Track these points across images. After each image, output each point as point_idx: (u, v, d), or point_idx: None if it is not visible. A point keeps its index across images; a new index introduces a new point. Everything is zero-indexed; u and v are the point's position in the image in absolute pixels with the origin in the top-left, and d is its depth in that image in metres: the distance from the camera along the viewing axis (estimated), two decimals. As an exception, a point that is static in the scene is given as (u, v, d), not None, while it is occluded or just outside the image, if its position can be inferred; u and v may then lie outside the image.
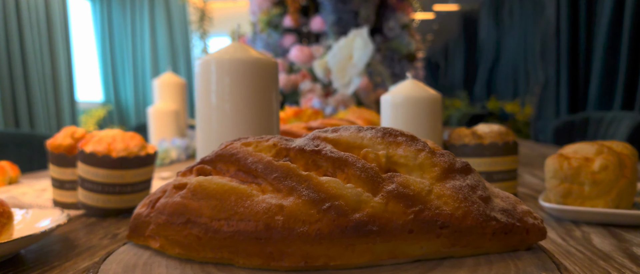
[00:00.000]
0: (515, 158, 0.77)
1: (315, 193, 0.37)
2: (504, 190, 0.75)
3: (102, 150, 0.73)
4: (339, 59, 1.57)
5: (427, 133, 0.77)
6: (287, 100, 1.95)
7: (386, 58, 2.47)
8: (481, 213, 0.38)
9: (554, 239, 0.57)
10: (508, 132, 0.78)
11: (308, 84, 1.95)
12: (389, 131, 0.41)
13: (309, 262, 0.37)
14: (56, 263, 0.53)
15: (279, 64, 2.02)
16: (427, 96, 0.78)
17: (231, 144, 0.43)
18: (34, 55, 3.65)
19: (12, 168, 1.10)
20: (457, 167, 0.40)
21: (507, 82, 4.82)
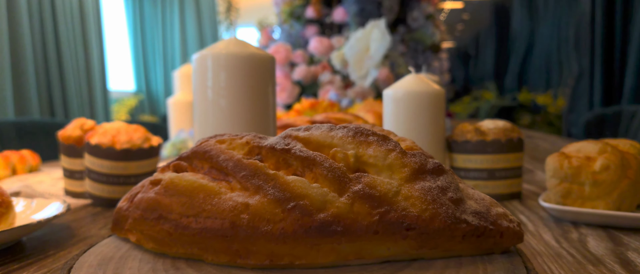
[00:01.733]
0: (519, 155, 0.76)
1: (280, 192, 0.37)
2: (507, 188, 0.73)
3: (106, 142, 0.75)
4: (356, 51, 1.56)
5: (429, 128, 0.76)
6: (306, 91, 1.95)
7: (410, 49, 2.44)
8: (450, 215, 0.37)
9: (547, 240, 0.56)
10: (513, 129, 0.77)
11: (327, 76, 1.95)
12: (361, 130, 0.40)
13: (274, 260, 0.37)
14: (51, 252, 0.55)
15: (299, 55, 2.02)
16: (429, 90, 0.76)
17: (206, 141, 0.43)
18: (68, 46, 3.76)
19: (32, 157, 1.14)
20: (429, 168, 0.39)
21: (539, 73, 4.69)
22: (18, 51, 3.44)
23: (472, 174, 0.76)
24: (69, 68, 3.76)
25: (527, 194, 0.81)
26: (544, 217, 0.66)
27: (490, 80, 5.11)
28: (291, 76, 1.94)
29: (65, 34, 3.73)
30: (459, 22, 5.87)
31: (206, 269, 0.38)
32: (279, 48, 1.85)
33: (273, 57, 0.69)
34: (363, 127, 0.41)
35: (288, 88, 1.84)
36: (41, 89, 3.57)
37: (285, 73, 1.87)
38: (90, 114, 3.94)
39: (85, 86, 3.91)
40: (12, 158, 1.06)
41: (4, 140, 1.98)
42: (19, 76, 3.46)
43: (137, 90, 4.94)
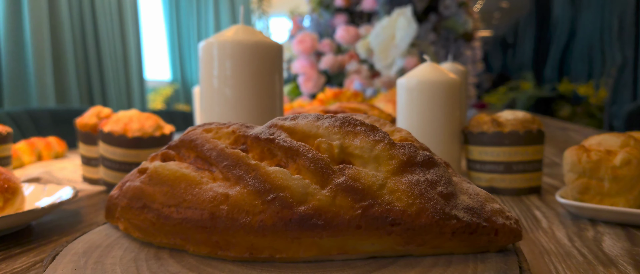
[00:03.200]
0: (539, 148, 0.72)
1: (261, 183, 0.36)
2: (525, 182, 0.70)
3: (118, 130, 0.75)
4: (382, 39, 1.53)
5: (444, 119, 0.74)
6: (332, 81, 1.94)
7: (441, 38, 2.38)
8: (438, 211, 0.35)
9: (559, 238, 0.52)
10: (533, 120, 0.73)
11: (354, 65, 1.92)
12: (348, 120, 0.39)
13: (253, 253, 0.36)
14: (55, 237, 0.55)
15: (327, 44, 2.00)
16: (444, 79, 0.74)
17: (194, 130, 0.42)
18: (107, 37, 3.86)
19: (59, 144, 1.17)
20: (418, 161, 0.37)
21: (580, 63, 4.49)
22: (58, 41, 3.55)
23: (488, 167, 0.72)
24: (107, 58, 3.86)
25: (548, 189, 0.77)
26: (561, 213, 0.62)
27: (529, 70, 4.93)
28: (317, 66, 1.92)
29: (103, 24, 3.82)
30: (497, 10, 5.69)
31: (187, 260, 0.37)
32: (304, 37, 1.84)
33: (280, 46, 0.68)
34: (351, 117, 0.39)
35: (313, 78, 1.83)
36: (80, 79, 3.68)
37: (311, 62, 1.86)
38: (127, 103, 4.04)
39: (122, 75, 4.01)
40: (38, 145, 1.09)
41: (40, 127, 2.05)
42: (59, 65, 3.57)
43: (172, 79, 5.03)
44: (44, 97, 3.44)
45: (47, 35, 3.44)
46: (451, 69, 1.38)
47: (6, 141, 0.84)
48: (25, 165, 1.03)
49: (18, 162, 1.00)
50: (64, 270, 0.35)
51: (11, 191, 0.56)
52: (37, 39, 3.40)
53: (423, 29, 2.15)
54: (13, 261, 0.47)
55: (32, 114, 2.06)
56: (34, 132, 1.93)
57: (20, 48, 3.37)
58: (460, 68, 1.39)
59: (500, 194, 0.73)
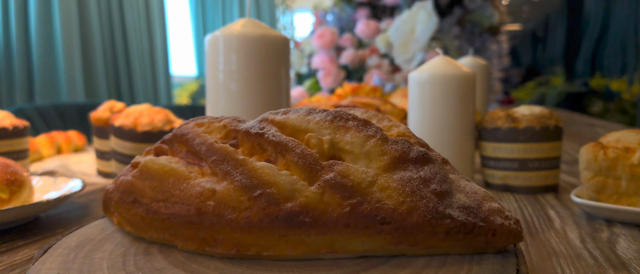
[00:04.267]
0: (556, 145, 0.69)
1: (247, 179, 0.35)
2: (541, 180, 0.67)
3: (128, 124, 0.76)
4: (402, 34, 1.51)
5: (456, 114, 0.71)
6: (353, 76, 1.92)
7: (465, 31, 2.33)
8: (430, 210, 0.34)
9: (571, 239, 0.50)
10: (551, 116, 0.70)
11: (375, 60, 1.90)
12: (340, 114, 0.37)
13: (240, 250, 0.35)
14: (59, 230, 0.56)
15: (347, 39, 1.98)
16: (457, 73, 0.71)
17: (186, 124, 0.42)
18: (134, 33, 3.92)
19: (79, 137, 1.19)
20: (411, 157, 0.36)
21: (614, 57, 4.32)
22: (87, 38, 3.63)
23: (502, 164, 0.70)
24: (134, 54, 3.92)
25: (567, 187, 0.74)
26: (577, 213, 0.60)
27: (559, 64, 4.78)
28: (337, 61, 1.91)
29: (131, 21, 3.89)
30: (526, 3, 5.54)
31: (175, 256, 0.37)
32: (324, 32, 1.82)
33: (286, 39, 0.67)
34: (343, 111, 0.38)
35: (333, 72, 1.82)
36: (109, 74, 3.76)
37: (331, 57, 1.84)
38: (153, 98, 4.10)
39: (149, 71, 4.07)
40: (58, 138, 1.11)
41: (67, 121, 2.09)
42: (88, 61, 3.65)
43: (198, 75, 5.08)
44: (74, 92, 3.53)
45: (76, 33, 3.52)
46: (472, 63, 1.35)
47: (23, 135, 0.85)
48: (44, 158, 1.05)
49: (37, 155, 1.02)
50: (52, 264, 0.35)
51: (18, 184, 0.56)
52: (66, 36, 3.48)
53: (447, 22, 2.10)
54: (15, 253, 0.48)
55: (58, 108, 2.10)
56: (60, 126, 1.97)
57: (50, 45, 3.46)
58: (482, 62, 1.35)
59: (514, 192, 0.70)
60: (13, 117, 0.87)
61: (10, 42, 3.34)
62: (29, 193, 0.60)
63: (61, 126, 1.98)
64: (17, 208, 0.51)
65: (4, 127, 0.82)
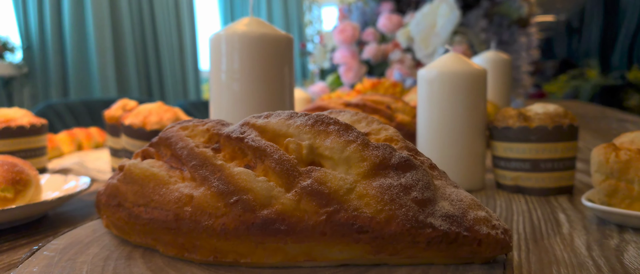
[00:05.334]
0: (570, 145, 0.66)
1: (224, 185, 0.34)
2: (554, 181, 0.65)
3: (137, 123, 0.76)
4: (423, 28, 1.48)
5: (466, 113, 0.69)
6: (374, 71, 1.89)
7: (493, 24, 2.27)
8: (410, 218, 0.32)
9: (577, 246, 0.48)
10: (565, 114, 0.67)
11: (398, 54, 1.87)
12: (321, 118, 0.36)
13: (218, 257, 0.35)
14: (63, 229, 0.57)
15: (370, 33, 1.96)
16: (466, 70, 0.69)
17: (171, 127, 0.41)
18: (164, 30, 3.99)
19: (99, 134, 1.21)
20: (393, 163, 0.34)
21: (653, 49, 4.13)
22: (119, 35, 3.71)
23: (513, 164, 0.68)
24: (164, 50, 3.99)
25: (583, 189, 0.71)
26: (589, 217, 0.57)
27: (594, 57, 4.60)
28: (359, 55, 1.89)
29: (161, 18, 3.96)
30: (560, -6, 5.36)
31: (156, 261, 0.37)
32: (345, 27, 1.81)
33: (290, 37, 0.66)
34: (325, 115, 0.37)
35: (354, 68, 1.80)
36: (140, 71, 3.83)
37: (352, 52, 1.83)
38: (182, 93, 4.17)
39: (178, 67, 4.14)
40: (79, 135, 1.13)
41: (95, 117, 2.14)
42: (119, 59, 3.73)
43: (227, 70, 5.12)
44: (106, 88, 3.61)
45: (108, 31, 3.60)
46: (494, 57, 1.31)
47: (41, 133, 0.88)
48: (64, 155, 1.07)
49: (57, 152, 1.05)
50: (35, 268, 0.36)
51: (23, 183, 0.57)
52: (99, 34, 3.57)
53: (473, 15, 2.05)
54: (15, 252, 0.49)
55: (87, 104, 2.16)
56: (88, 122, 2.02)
57: (83, 43, 3.56)
58: (504, 56, 1.32)
59: (526, 194, 0.68)
60: (31, 116, 0.89)
61: (46, 41, 3.45)
62: (35, 192, 0.61)
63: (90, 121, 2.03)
64: (19, 207, 0.52)
65: (21, 126, 0.84)
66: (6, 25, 3.66)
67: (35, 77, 3.44)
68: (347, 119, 0.42)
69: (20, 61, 3.38)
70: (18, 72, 3.36)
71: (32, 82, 3.46)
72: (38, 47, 3.42)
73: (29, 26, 3.40)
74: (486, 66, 1.31)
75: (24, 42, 3.37)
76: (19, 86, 3.43)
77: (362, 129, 0.41)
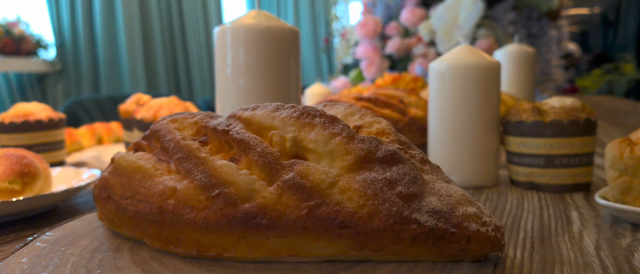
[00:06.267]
0: (587, 140, 0.63)
1: (207, 178, 0.34)
2: (570, 178, 0.62)
3: (148, 117, 0.77)
4: (445, 21, 1.45)
5: (479, 107, 0.67)
6: (397, 65, 1.87)
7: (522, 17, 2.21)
8: (393, 214, 0.31)
9: (585, 245, 0.45)
10: (583, 108, 0.64)
11: (421, 49, 1.84)
12: (307, 110, 0.35)
13: (201, 251, 0.35)
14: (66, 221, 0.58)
15: (393, 27, 1.93)
16: (478, 63, 0.67)
17: (162, 119, 0.41)
18: (192, 26, 4.04)
19: (120, 128, 1.23)
20: (378, 157, 0.33)
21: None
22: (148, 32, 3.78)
23: (527, 160, 0.65)
24: (192, 46, 4.05)
25: (601, 186, 0.68)
26: (603, 216, 0.54)
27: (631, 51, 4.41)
28: (381, 50, 1.87)
29: (189, 15, 4.01)
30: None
31: (142, 254, 0.37)
32: (367, 21, 1.79)
33: (296, 30, 0.65)
34: (311, 108, 0.36)
35: (376, 62, 1.78)
36: (168, 66, 3.90)
37: (374, 46, 1.81)
38: (210, 88, 4.22)
39: (206, 63, 4.19)
40: (99, 129, 1.16)
41: (122, 113, 2.18)
42: (149, 54, 3.80)
43: (254, 66, 5.15)
44: (136, 84, 3.69)
45: (138, 28, 3.67)
46: (518, 50, 1.27)
47: (58, 127, 0.89)
48: (84, 148, 1.09)
49: (77, 145, 1.07)
50: (24, 258, 0.36)
51: (31, 176, 0.59)
52: (129, 31, 3.64)
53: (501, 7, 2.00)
54: (19, 243, 0.50)
55: (115, 99, 2.20)
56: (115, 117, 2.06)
57: (114, 40, 3.63)
58: (528, 50, 1.28)
59: (540, 191, 0.65)
60: (50, 110, 0.91)
61: (78, 38, 3.54)
62: (45, 184, 0.62)
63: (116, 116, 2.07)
64: (24, 199, 0.53)
65: (39, 120, 0.86)
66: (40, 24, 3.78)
67: (68, 73, 3.54)
68: (341, 111, 0.41)
69: (53, 58, 3.48)
70: (52, 68, 3.46)
71: (65, 79, 3.55)
72: (70, 44, 3.52)
73: (62, 24, 3.49)
74: (509, 59, 1.28)
75: (57, 40, 3.46)
76: (53, 82, 3.53)
77: (355, 122, 0.40)
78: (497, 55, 1.30)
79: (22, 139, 0.85)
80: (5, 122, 0.85)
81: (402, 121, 0.82)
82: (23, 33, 3.28)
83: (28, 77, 3.42)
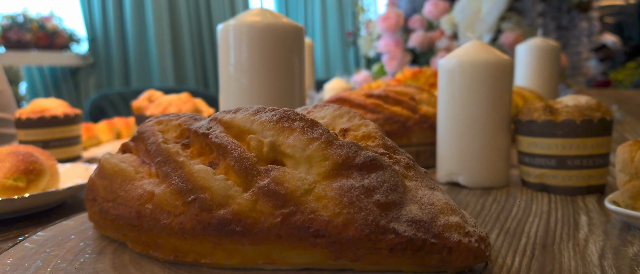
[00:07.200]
0: (602, 140, 0.60)
1: (183, 183, 0.34)
2: (583, 180, 0.60)
3: (157, 113, 0.77)
4: (467, 14, 1.41)
5: (488, 105, 0.65)
6: (420, 59, 1.84)
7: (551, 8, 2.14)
8: (369, 223, 0.30)
9: (588, 254, 0.43)
10: (598, 107, 0.61)
11: (444, 42, 1.80)
12: (288, 114, 0.34)
13: (178, 256, 0.34)
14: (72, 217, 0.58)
15: (417, 20, 1.90)
16: (488, 60, 0.64)
17: (148, 121, 0.41)
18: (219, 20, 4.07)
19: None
20: (357, 163, 0.32)
21: None
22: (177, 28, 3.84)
23: (538, 160, 0.63)
24: (219, 42, 4.08)
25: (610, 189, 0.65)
26: (614, 221, 0.52)
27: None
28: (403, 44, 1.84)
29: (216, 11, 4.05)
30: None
31: (123, 257, 0.36)
32: (389, 14, 1.76)
33: (299, 27, 0.64)
34: (292, 111, 0.35)
35: (398, 56, 1.75)
36: (196, 61, 3.95)
37: (396, 40, 1.78)
38: (236, 82, 4.24)
39: (233, 57, 4.21)
40: (118, 124, 1.17)
41: (147, 106, 2.22)
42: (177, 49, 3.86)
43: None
44: (165, 78, 3.75)
45: (166, 23, 3.73)
46: (541, 44, 1.23)
47: (74, 122, 0.91)
48: (102, 143, 1.11)
49: (95, 140, 1.09)
50: (9, 259, 0.37)
51: (36, 173, 0.60)
52: (158, 26, 3.70)
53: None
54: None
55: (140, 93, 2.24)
56: (140, 111, 2.10)
57: (143, 35, 3.70)
58: (552, 43, 1.23)
59: (552, 193, 0.63)
60: (67, 106, 0.93)
61: (109, 33, 3.61)
62: (52, 180, 0.63)
63: (141, 110, 2.10)
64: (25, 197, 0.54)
65: (55, 115, 0.88)
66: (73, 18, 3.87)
67: (100, 67, 3.62)
68: (330, 114, 0.40)
69: (85, 52, 3.57)
70: (84, 62, 3.55)
71: (97, 72, 3.64)
72: (102, 39, 3.59)
73: (93, 18, 3.57)
74: (532, 54, 1.23)
75: (89, 34, 3.54)
76: (85, 76, 3.62)
77: (342, 125, 0.38)
78: (520, 50, 1.26)
79: (38, 134, 0.87)
80: (22, 118, 0.87)
81: (412, 118, 0.80)
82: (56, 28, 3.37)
83: (61, 70, 3.51)
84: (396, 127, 0.79)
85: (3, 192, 0.56)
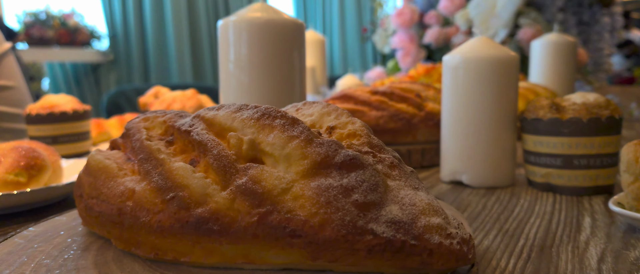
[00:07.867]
0: (610, 139, 0.58)
1: (163, 180, 0.33)
2: (590, 180, 0.58)
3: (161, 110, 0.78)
4: (482, 9, 1.38)
5: (493, 103, 0.63)
6: (435, 55, 1.81)
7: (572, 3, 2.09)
8: (346, 224, 0.29)
9: (588, 257, 0.42)
10: (607, 105, 0.59)
11: (461, 38, 1.77)
12: (269, 111, 0.34)
13: (158, 254, 0.34)
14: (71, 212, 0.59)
15: (433, 16, 1.87)
16: (493, 56, 0.63)
17: (135, 119, 0.41)
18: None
19: (150, 120, 1.26)
20: (336, 162, 0.31)
21: None
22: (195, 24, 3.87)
23: (544, 160, 0.61)
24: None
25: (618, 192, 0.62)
26: (619, 223, 0.50)
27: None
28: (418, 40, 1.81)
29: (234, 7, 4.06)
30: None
31: (106, 255, 0.36)
32: (403, 10, 1.74)
33: (299, 23, 0.64)
34: (273, 108, 0.34)
35: (412, 52, 1.73)
36: (214, 58, 3.97)
37: (411, 36, 1.76)
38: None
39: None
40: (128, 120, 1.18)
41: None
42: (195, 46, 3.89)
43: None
44: (183, 75, 3.78)
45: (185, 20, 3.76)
46: (556, 39, 1.20)
47: (83, 118, 0.92)
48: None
49: (106, 136, 1.10)
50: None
51: (37, 168, 0.60)
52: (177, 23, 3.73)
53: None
54: (19, 235, 0.51)
55: (157, 90, 2.26)
56: (156, 107, 2.12)
57: (162, 32, 3.74)
58: (569, 39, 1.20)
59: (557, 193, 0.61)
60: (76, 102, 0.94)
61: (129, 30, 3.66)
62: (55, 176, 0.64)
63: (157, 106, 2.12)
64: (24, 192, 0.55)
65: (64, 111, 0.89)
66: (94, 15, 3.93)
67: (120, 63, 3.67)
68: (317, 111, 0.39)
69: (106, 49, 3.62)
70: (104, 58, 3.60)
71: (117, 68, 3.69)
72: (122, 35, 3.64)
73: (114, 16, 3.62)
74: (548, 50, 1.21)
75: (110, 31, 3.60)
76: (106, 72, 3.68)
77: (329, 123, 0.38)
78: (535, 46, 1.23)
79: (47, 130, 0.88)
80: (32, 114, 0.88)
81: (418, 115, 0.79)
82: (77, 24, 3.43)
83: (83, 66, 3.57)
84: (401, 125, 0.77)
85: (4, 188, 0.57)
